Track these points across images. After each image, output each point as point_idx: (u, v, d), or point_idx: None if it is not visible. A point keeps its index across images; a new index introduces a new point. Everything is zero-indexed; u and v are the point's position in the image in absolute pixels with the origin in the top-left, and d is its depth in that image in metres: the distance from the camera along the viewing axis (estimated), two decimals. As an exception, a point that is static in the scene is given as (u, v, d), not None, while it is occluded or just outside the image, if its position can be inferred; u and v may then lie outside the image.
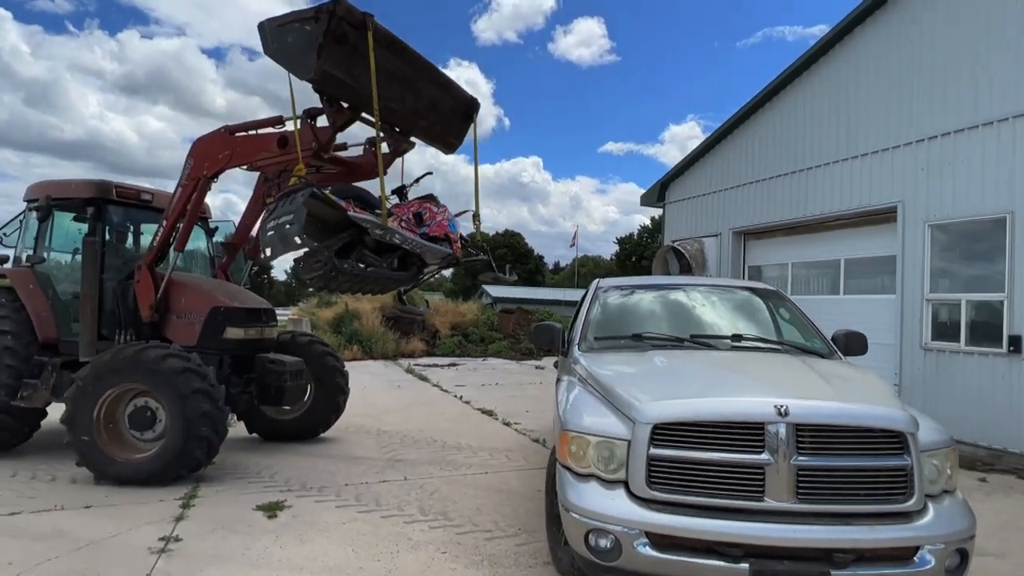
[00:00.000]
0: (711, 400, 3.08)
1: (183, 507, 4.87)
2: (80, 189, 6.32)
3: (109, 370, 5.37)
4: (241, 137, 5.91)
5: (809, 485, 2.85)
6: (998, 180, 7.07)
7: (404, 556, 4.03)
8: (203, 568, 3.79)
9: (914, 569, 2.77)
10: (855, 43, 9.15)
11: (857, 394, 3.19)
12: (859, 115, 8.95)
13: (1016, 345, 6.73)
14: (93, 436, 5.30)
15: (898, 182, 8.25)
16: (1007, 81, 7.08)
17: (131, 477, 5.34)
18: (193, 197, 6.07)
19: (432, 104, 5.79)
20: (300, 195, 4.74)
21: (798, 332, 4.61)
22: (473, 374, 14.53)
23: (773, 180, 10.44)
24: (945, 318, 7.64)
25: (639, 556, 2.88)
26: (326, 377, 7.21)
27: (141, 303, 6.08)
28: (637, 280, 5.45)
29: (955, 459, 3.11)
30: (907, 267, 8.04)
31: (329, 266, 4.96)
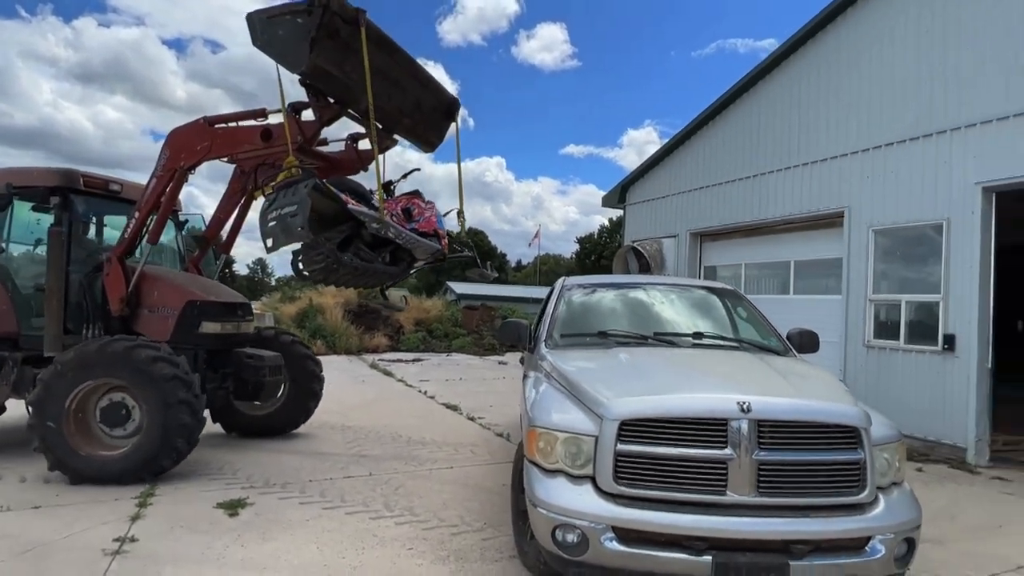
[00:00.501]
0: (676, 397, 3.07)
1: (140, 506, 4.62)
2: (44, 177, 5.91)
3: (94, 362, 5.07)
4: (221, 129, 5.65)
5: (769, 479, 2.87)
6: (936, 189, 7.36)
7: (370, 553, 3.91)
8: (160, 569, 3.59)
9: (865, 559, 2.82)
10: (806, 57, 9.38)
11: (814, 391, 3.24)
12: (809, 124, 9.19)
13: (950, 343, 7.02)
14: (60, 424, 4.99)
15: (845, 189, 8.50)
16: (945, 97, 7.36)
17: (93, 474, 5.03)
18: (168, 189, 5.79)
19: (416, 103, 5.67)
20: (303, 186, 4.58)
21: (755, 330, 4.67)
22: (437, 369, 14.38)
23: (728, 184, 10.64)
24: (886, 318, 7.92)
25: (605, 551, 2.85)
26: (301, 378, 7.01)
27: (111, 296, 5.76)
28: (601, 279, 5.44)
29: (903, 453, 3.20)
30: (852, 269, 8.30)
31: (331, 259, 4.86)
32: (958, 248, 7.04)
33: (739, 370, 3.62)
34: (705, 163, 11.25)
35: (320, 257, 4.90)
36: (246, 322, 6.40)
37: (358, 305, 19.59)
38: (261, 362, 6.12)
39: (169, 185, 5.77)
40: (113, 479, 5.02)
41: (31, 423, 5.05)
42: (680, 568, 2.79)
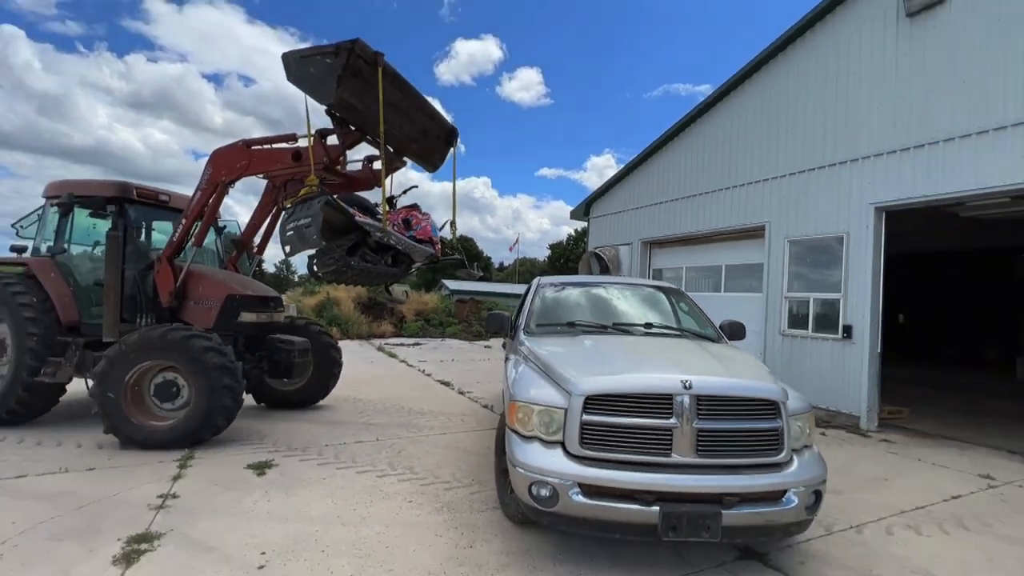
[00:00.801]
0: (632, 376, 3.07)
1: (180, 467, 4.49)
2: (102, 188, 5.71)
3: (155, 346, 4.96)
4: (258, 150, 5.58)
5: (706, 443, 2.89)
6: (839, 208, 7.49)
7: (377, 505, 3.85)
8: (198, 520, 3.49)
9: (782, 507, 2.85)
10: (737, 99, 9.46)
11: (742, 371, 3.26)
12: (740, 154, 9.28)
13: (848, 332, 7.16)
14: (119, 395, 4.86)
15: (767, 207, 8.61)
16: (846, 133, 7.49)
17: (141, 440, 4.90)
18: (212, 200, 5.69)
19: (423, 131, 5.67)
20: (317, 202, 4.61)
21: (694, 322, 4.70)
22: (434, 352, 14.27)
23: (674, 202, 10.71)
24: (797, 312, 8.04)
25: (573, 503, 2.84)
26: (324, 362, 6.91)
27: (161, 291, 5.63)
28: (570, 278, 5.42)
29: (813, 421, 3.23)
30: (771, 272, 8.41)
31: (341, 263, 4.88)
32: (855, 256, 7.18)
33: (682, 354, 3.63)
34: (655, 184, 11.30)
35: (331, 261, 4.90)
36: (278, 313, 6.29)
37: (368, 298, 19.33)
38: (292, 346, 6.05)
39: (212, 197, 5.67)
40: (160, 445, 4.88)
41: (93, 392, 4.89)
42: (633, 517, 2.79)
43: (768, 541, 3.17)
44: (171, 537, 3.26)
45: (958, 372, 13.56)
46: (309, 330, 6.99)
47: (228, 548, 3.15)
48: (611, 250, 12.12)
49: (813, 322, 7.71)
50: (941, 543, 3.58)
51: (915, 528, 3.79)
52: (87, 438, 5.21)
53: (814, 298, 7.72)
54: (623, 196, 12.28)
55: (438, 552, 3.19)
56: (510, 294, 34.93)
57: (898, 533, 3.69)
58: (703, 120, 10.17)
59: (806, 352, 7.72)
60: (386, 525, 3.52)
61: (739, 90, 9.38)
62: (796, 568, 3.15)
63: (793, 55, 8.39)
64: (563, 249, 59.75)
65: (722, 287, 9.68)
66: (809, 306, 7.78)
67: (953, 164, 6.23)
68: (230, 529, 3.39)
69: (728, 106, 9.62)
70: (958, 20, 6.34)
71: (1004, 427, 7.29)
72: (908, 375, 11.81)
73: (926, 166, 6.49)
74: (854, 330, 7.09)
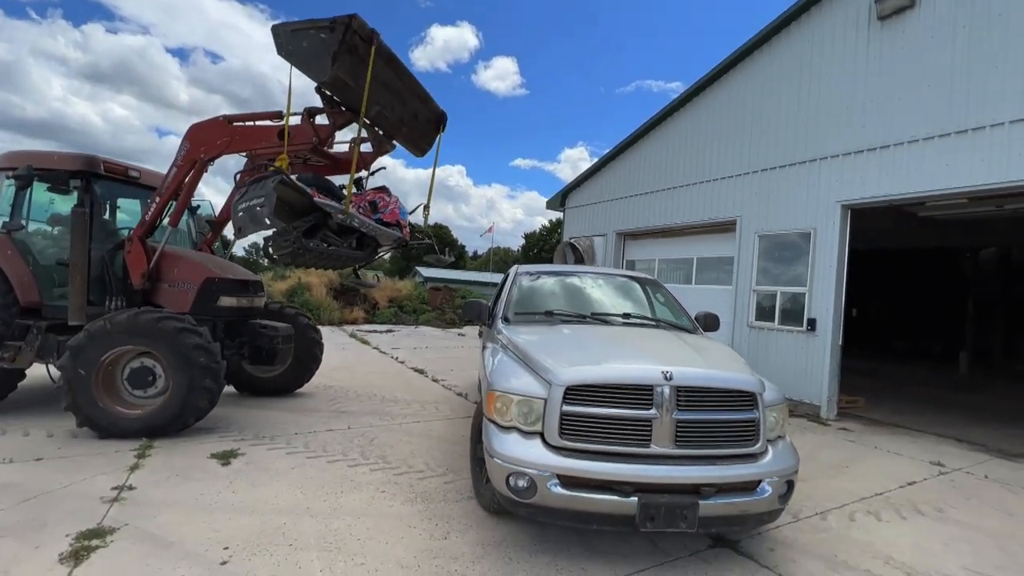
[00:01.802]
0: (613, 366, 3.00)
1: (138, 457, 4.22)
2: (66, 161, 5.23)
3: (140, 331, 4.64)
4: (241, 127, 5.22)
5: (684, 434, 2.85)
6: (807, 205, 7.62)
7: (348, 496, 3.70)
8: (156, 514, 3.27)
9: (756, 497, 2.85)
10: (711, 95, 9.50)
11: (721, 363, 3.23)
12: (714, 150, 9.34)
13: (812, 325, 7.33)
14: (89, 373, 4.54)
15: (738, 202, 8.70)
16: (816, 132, 7.60)
17: (104, 425, 4.59)
18: (189, 177, 5.31)
19: (414, 115, 5.40)
20: (270, 181, 4.30)
21: (670, 312, 4.68)
22: (407, 339, 14.02)
23: (648, 195, 10.73)
24: (764, 304, 8.19)
25: (551, 494, 2.77)
26: (305, 347, 6.64)
27: (133, 272, 5.24)
28: (548, 267, 5.32)
29: (786, 412, 3.24)
30: (741, 266, 8.53)
31: (297, 244, 4.58)
32: (821, 251, 7.32)
33: (661, 345, 3.59)
34: (630, 177, 11.30)
35: (287, 243, 4.61)
36: (258, 297, 5.98)
37: (340, 284, 18.84)
38: (275, 332, 5.77)
39: (189, 174, 5.30)
40: (126, 434, 4.61)
41: (63, 364, 4.53)
42: (611, 508, 2.73)
43: (740, 530, 3.17)
44: (125, 532, 3.03)
45: (905, 365, 14.20)
46: (287, 315, 6.69)
47: (188, 543, 2.95)
48: (586, 241, 12.10)
49: (779, 315, 7.86)
50: (899, 528, 3.68)
51: (875, 514, 3.89)
52: (37, 426, 4.86)
53: (781, 292, 7.87)
54: (599, 187, 12.25)
55: (412, 544, 3.08)
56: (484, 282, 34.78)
57: (860, 519, 3.78)
58: (678, 115, 10.19)
59: (772, 343, 7.88)
60: (357, 516, 3.38)
61: (714, 87, 9.42)
62: (766, 555, 3.17)
63: (768, 54, 8.45)
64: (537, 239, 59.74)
65: (693, 279, 9.78)
66: (776, 299, 7.93)
67: (916, 165, 6.39)
68: (191, 522, 3.18)
69: (703, 102, 9.65)
70: (926, 25, 6.47)
71: (951, 417, 7.64)
72: (860, 367, 12.28)
73: (891, 166, 6.64)
74: (818, 323, 7.26)
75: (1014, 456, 5.74)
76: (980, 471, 5.11)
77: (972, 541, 3.54)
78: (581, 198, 12.88)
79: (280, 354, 5.83)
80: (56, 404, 5.14)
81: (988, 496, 4.43)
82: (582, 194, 12.87)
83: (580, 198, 12.93)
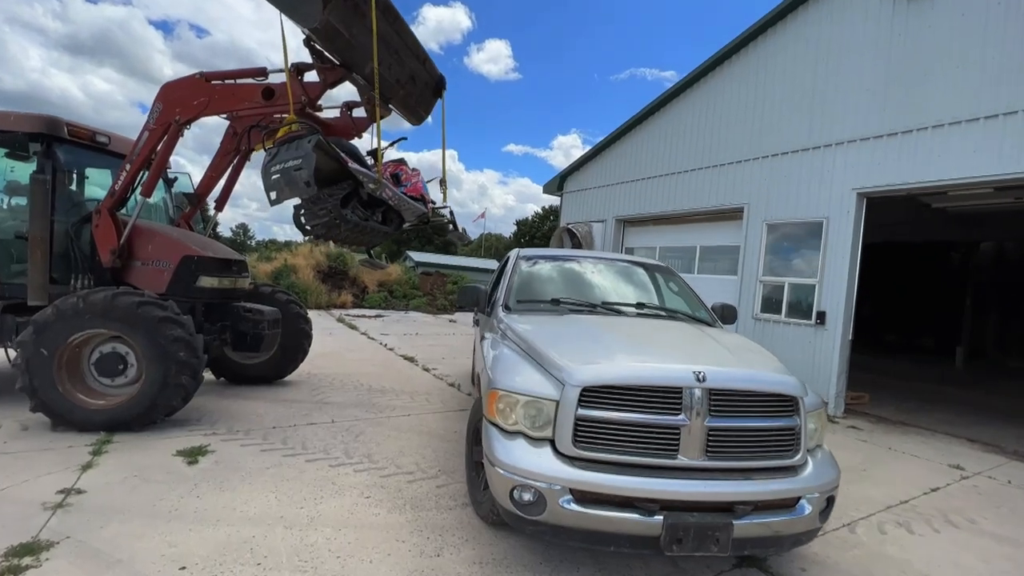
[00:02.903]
0: (636, 365, 2.59)
1: (93, 454, 3.76)
2: (23, 122, 4.64)
3: (114, 314, 4.15)
4: (220, 85, 4.66)
5: (716, 444, 2.47)
6: (820, 193, 7.25)
7: (328, 502, 3.28)
8: (104, 524, 2.83)
9: (795, 516, 2.48)
10: (718, 78, 9.06)
11: (756, 362, 2.85)
12: (719, 134, 8.92)
13: (821, 319, 7.01)
14: (52, 354, 4.06)
15: (746, 188, 8.31)
16: (832, 115, 7.20)
17: (62, 414, 4.14)
18: (163, 142, 4.78)
19: (412, 76, 4.85)
20: (307, 141, 3.86)
21: (685, 303, 4.29)
22: (396, 325, 13.57)
23: (650, 180, 10.31)
24: (771, 296, 7.86)
25: (563, 511, 2.37)
26: (292, 333, 6.15)
27: (101, 248, 4.72)
28: (553, 252, 4.89)
29: (825, 418, 2.88)
30: (747, 255, 8.18)
31: (334, 214, 4.17)
32: (834, 242, 6.98)
33: (686, 340, 3.19)
34: (632, 161, 10.86)
35: (323, 212, 4.19)
36: (242, 278, 5.47)
37: (328, 266, 18.25)
38: (261, 316, 5.31)
39: (162, 139, 4.77)
40: (89, 426, 4.18)
41: (23, 340, 4.06)
42: (633, 528, 2.35)
43: (775, 552, 2.82)
44: (65, 547, 2.59)
45: (898, 360, 14.07)
46: (276, 298, 6.20)
47: (138, 561, 2.52)
48: (584, 227, 11.67)
49: (786, 307, 7.54)
50: (934, 543, 3.36)
51: (905, 526, 3.57)
52: (-19, 416, 4.37)
53: (789, 283, 7.54)
54: (599, 171, 11.79)
55: (399, 562, 2.68)
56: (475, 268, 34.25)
57: (891, 532, 3.46)
58: (684, 97, 9.73)
59: (777, 337, 7.57)
60: (338, 528, 2.97)
61: (722, 68, 8.97)
62: (798, 575, 2.83)
63: (782, 32, 8.00)
64: (529, 226, 59.10)
65: (695, 268, 9.42)
66: (784, 291, 7.59)
67: (941, 151, 6.03)
68: (144, 535, 2.75)
69: (709, 84, 9.20)
70: (957, 1, 6.05)
71: (956, 414, 7.41)
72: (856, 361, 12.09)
73: (914, 152, 6.27)
74: (827, 316, 6.95)
75: (1031, 459, 5.49)
76: (1001, 475, 4.84)
77: (1014, 559, 3.24)
78: (580, 182, 12.42)
79: (266, 340, 5.38)
80: (10, 392, 4.67)
81: (1018, 505, 4.15)
82: (581, 178, 12.40)
83: (579, 182, 12.46)
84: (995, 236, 13.44)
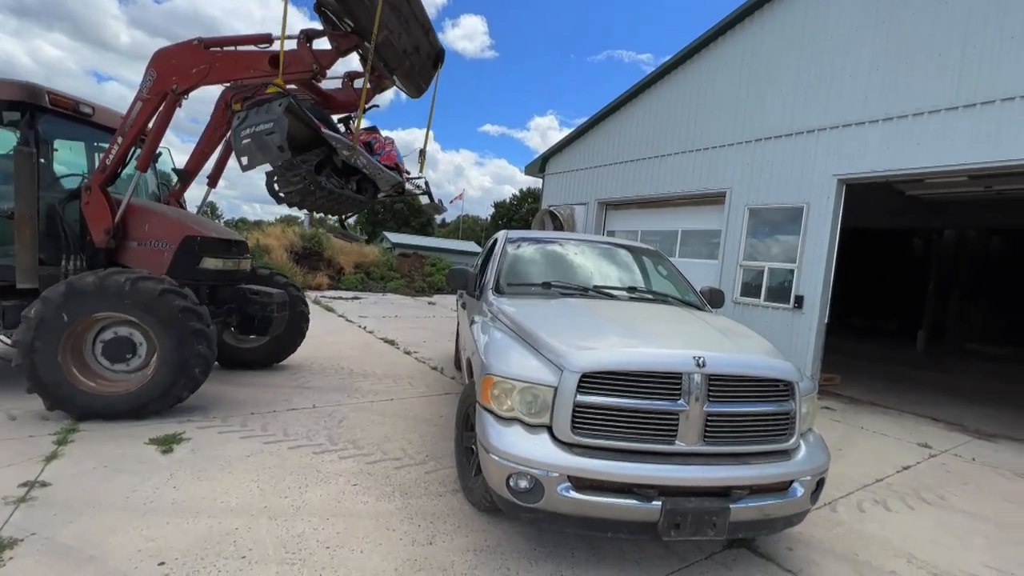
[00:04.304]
0: (637, 351, 2.54)
1: (58, 444, 3.54)
2: (1, 90, 4.24)
3: (125, 297, 3.92)
4: (221, 53, 4.39)
5: (714, 429, 2.46)
6: (801, 178, 7.32)
7: (314, 491, 3.18)
8: (73, 519, 2.66)
9: (788, 499, 2.51)
10: (702, 61, 8.99)
11: (751, 347, 2.84)
12: (704, 117, 8.89)
13: (799, 303, 7.15)
14: (60, 336, 3.84)
15: (729, 173, 8.35)
16: (815, 101, 7.24)
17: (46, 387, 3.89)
18: (159, 113, 4.50)
19: (416, 46, 4.67)
20: (277, 104, 3.73)
21: (674, 287, 4.28)
22: (375, 307, 13.32)
23: (632, 163, 10.26)
24: (751, 280, 7.97)
25: (561, 498, 2.34)
26: (291, 318, 5.96)
27: (93, 227, 4.43)
28: (542, 234, 4.79)
29: (816, 402, 2.91)
30: (728, 239, 8.25)
31: (309, 181, 4.01)
32: (814, 227, 7.09)
33: (681, 325, 3.17)
34: (615, 144, 10.77)
35: (297, 179, 4.01)
36: (244, 260, 5.28)
37: (302, 247, 17.74)
38: (269, 299, 5.16)
39: (158, 109, 4.49)
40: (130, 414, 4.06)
41: (28, 314, 3.82)
42: (631, 515, 2.33)
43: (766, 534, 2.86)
44: (31, 545, 2.43)
45: (867, 342, 14.62)
46: (275, 281, 6.01)
47: (112, 557, 2.38)
48: (566, 209, 11.59)
49: (765, 291, 7.66)
50: (910, 520, 3.48)
51: (882, 503, 3.69)
52: (-70, 404, 4.07)
53: (769, 267, 7.64)
54: (582, 153, 11.67)
55: (391, 552, 2.61)
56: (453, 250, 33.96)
57: (869, 510, 3.57)
58: (667, 80, 9.64)
59: (756, 320, 7.69)
60: (325, 518, 2.88)
61: (707, 50, 8.90)
62: (786, 556, 2.88)
63: (769, 17, 7.96)
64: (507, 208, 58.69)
65: (677, 252, 9.47)
66: (763, 275, 7.70)
67: (919, 139, 6.13)
68: (118, 529, 2.60)
69: (695, 67, 9.12)
70: (941, -10, 6.09)
71: (920, 394, 7.74)
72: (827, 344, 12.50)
73: (894, 140, 6.36)
74: (805, 300, 7.09)
75: (991, 437, 5.76)
76: (966, 453, 5.07)
77: (984, 534, 3.38)
78: (563, 164, 12.28)
79: (275, 323, 5.26)
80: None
81: (983, 481, 4.34)
82: (564, 160, 12.26)
83: (561, 164, 12.33)
84: (957, 224, 13.96)
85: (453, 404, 5.08)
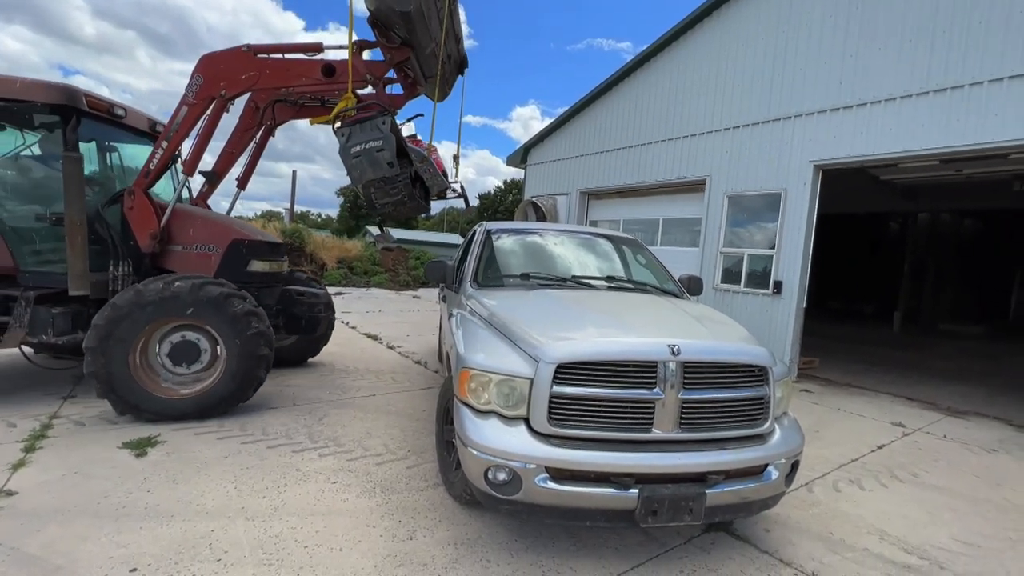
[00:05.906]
0: (611, 340, 2.55)
1: (26, 450, 3.44)
2: (37, 91, 4.04)
3: (199, 305, 4.01)
4: (271, 60, 4.43)
5: (690, 416, 2.48)
6: (779, 165, 7.39)
7: (293, 490, 3.14)
8: (41, 527, 2.59)
9: (763, 483, 2.55)
10: (681, 49, 8.99)
11: (727, 334, 2.86)
12: (683, 105, 8.91)
13: (778, 288, 7.26)
14: (132, 341, 3.93)
15: (708, 160, 8.39)
16: (792, 88, 7.30)
17: (140, 405, 4.01)
18: (207, 117, 4.50)
19: (448, 55, 4.82)
20: (382, 122, 4.07)
21: (653, 275, 4.28)
22: (358, 302, 13.19)
23: (614, 152, 10.25)
24: (731, 267, 8.06)
25: (539, 489, 2.34)
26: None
27: (139, 232, 4.39)
28: (521, 225, 4.76)
29: (791, 386, 2.95)
30: (709, 227, 8.31)
31: (406, 192, 4.27)
32: (791, 213, 7.17)
33: (658, 314, 3.17)
34: (595, 133, 10.75)
35: (396, 191, 4.24)
36: (284, 262, 5.31)
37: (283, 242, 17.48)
38: (316, 299, 5.35)
39: (205, 113, 4.49)
40: (200, 413, 4.18)
41: (99, 321, 3.87)
42: (609, 503, 2.35)
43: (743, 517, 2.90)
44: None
45: (845, 324, 14.93)
46: (300, 280, 6.01)
47: (82, 565, 2.33)
48: (549, 199, 11.56)
49: (745, 277, 7.75)
50: (883, 498, 3.57)
51: (857, 483, 3.78)
52: None
53: (748, 254, 7.73)
54: (563, 143, 11.63)
55: (371, 548, 2.59)
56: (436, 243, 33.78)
57: (844, 489, 3.65)
58: (646, 68, 9.63)
59: (737, 306, 7.79)
60: (305, 517, 2.85)
61: (685, 38, 8.90)
62: (763, 537, 2.94)
63: (745, 3, 7.96)
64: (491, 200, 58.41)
65: (658, 241, 9.53)
66: (743, 262, 7.79)
67: (893, 125, 6.22)
68: (88, 536, 2.54)
69: (673, 55, 9.12)
70: (911, -25, 6.15)
71: (896, 374, 7.93)
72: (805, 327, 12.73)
73: (867, 125, 6.44)
74: (784, 286, 7.19)
75: (962, 414, 5.94)
76: (938, 430, 5.21)
77: (953, 508, 3.48)
78: (544, 154, 12.23)
79: (322, 322, 5.42)
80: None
81: (953, 457, 4.47)
82: (545, 150, 12.21)
83: (543, 154, 12.27)
84: (930, 207, 14.27)
85: (436, 398, 5.05)
